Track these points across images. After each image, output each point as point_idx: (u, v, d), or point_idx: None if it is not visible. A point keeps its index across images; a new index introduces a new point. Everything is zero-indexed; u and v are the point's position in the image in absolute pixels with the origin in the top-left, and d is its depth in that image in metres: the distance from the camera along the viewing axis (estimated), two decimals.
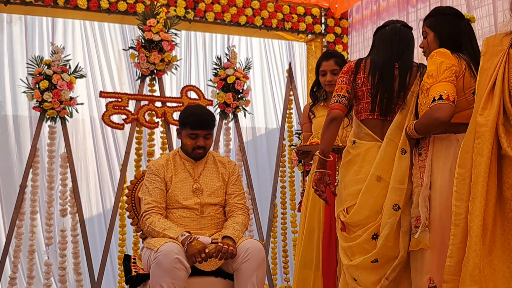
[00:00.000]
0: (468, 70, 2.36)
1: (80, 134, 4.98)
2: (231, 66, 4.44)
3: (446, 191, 2.31)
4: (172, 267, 2.60)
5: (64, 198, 4.06)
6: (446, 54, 2.35)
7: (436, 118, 2.27)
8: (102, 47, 5.18)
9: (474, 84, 2.30)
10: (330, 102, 3.35)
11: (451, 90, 2.27)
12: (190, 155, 3.07)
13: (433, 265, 2.35)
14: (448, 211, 2.26)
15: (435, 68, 2.32)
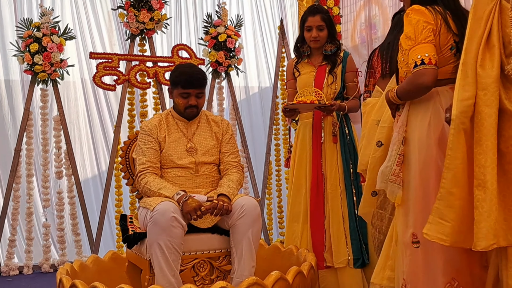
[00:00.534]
0: (444, 25, 2.29)
1: (72, 96, 4.96)
2: (222, 24, 4.41)
3: (426, 146, 2.28)
4: (169, 225, 2.64)
5: (59, 160, 4.08)
6: (421, 11, 2.27)
7: (420, 84, 2.23)
8: (91, 8, 5.09)
9: (452, 39, 2.27)
10: (314, 58, 3.37)
11: (432, 52, 2.21)
12: (183, 114, 3.07)
13: (417, 221, 2.33)
14: (430, 167, 2.25)
15: (412, 29, 2.25)
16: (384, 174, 2.40)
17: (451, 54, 2.29)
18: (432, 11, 2.26)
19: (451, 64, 2.29)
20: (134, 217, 3.18)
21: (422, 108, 2.30)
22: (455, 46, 2.28)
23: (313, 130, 3.35)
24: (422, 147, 2.30)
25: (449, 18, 2.28)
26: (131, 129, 4.11)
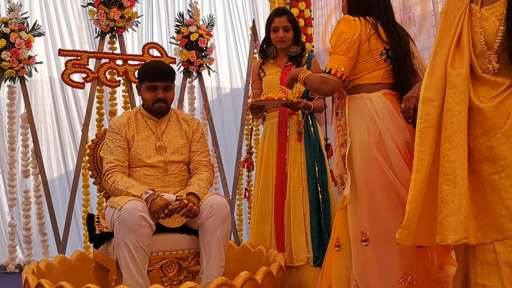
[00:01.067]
0: (374, 34, 2.47)
1: (39, 94, 4.87)
2: (194, 23, 4.39)
3: (367, 146, 2.44)
4: (136, 224, 2.61)
5: (26, 159, 4.01)
6: (349, 21, 2.47)
7: (321, 90, 2.56)
8: (60, 5, 5.01)
9: (381, 46, 2.47)
10: (280, 59, 3.41)
11: (342, 65, 2.43)
12: (151, 110, 3.03)
13: (364, 219, 2.44)
14: (372, 166, 2.40)
15: (335, 38, 2.47)
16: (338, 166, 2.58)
17: (381, 59, 2.48)
18: (362, 21, 2.47)
19: (382, 69, 2.50)
20: (101, 217, 3.14)
21: (359, 114, 2.49)
22: (385, 53, 2.49)
23: (279, 129, 3.38)
24: (363, 150, 2.45)
25: (380, 28, 2.48)
26: (99, 128, 4.06)
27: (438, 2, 3.52)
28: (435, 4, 3.54)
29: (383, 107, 2.45)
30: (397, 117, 2.45)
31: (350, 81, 2.53)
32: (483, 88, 2.04)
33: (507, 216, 1.96)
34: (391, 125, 2.43)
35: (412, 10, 3.77)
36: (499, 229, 1.97)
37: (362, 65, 2.49)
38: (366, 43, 2.45)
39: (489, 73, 2.01)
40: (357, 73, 2.51)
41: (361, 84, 2.51)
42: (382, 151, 2.41)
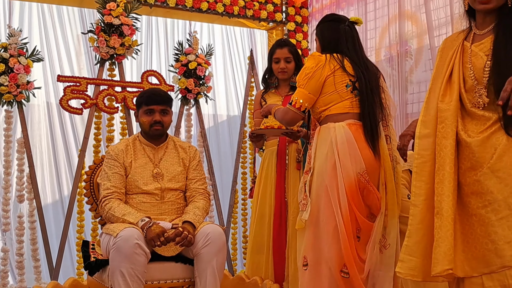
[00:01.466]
0: (339, 68, 2.68)
1: (35, 119, 4.88)
2: (192, 52, 4.43)
3: (322, 173, 2.60)
4: (132, 252, 2.60)
5: (21, 183, 3.99)
6: (314, 57, 2.73)
7: (283, 119, 2.83)
8: (60, 31, 5.07)
9: (347, 78, 2.68)
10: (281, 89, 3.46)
11: (301, 98, 2.68)
12: (148, 133, 3.06)
13: (307, 244, 2.61)
14: (323, 193, 2.57)
15: (300, 73, 2.73)
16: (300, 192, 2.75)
17: (347, 90, 2.68)
18: (327, 57, 2.69)
19: (348, 99, 2.69)
20: (96, 244, 3.12)
21: (323, 142, 2.65)
22: (351, 84, 2.68)
23: (278, 157, 3.39)
24: (319, 177, 2.62)
25: (347, 62, 2.70)
26: (96, 154, 4.05)
27: (434, 36, 3.58)
28: (431, 38, 3.60)
29: (343, 137, 2.59)
30: (355, 148, 2.59)
31: (321, 112, 2.72)
32: (472, 122, 2.10)
33: (493, 250, 1.99)
34: (347, 155, 2.57)
35: (409, 44, 3.83)
36: (485, 262, 2.00)
37: (328, 97, 2.68)
38: (331, 77, 2.67)
39: (479, 107, 2.07)
40: (326, 104, 2.70)
41: (329, 114, 2.70)
42: (333, 180, 2.57)
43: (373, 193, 2.60)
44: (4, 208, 3.97)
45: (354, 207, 2.54)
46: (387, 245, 2.62)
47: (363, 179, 2.57)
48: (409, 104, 3.81)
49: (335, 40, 2.76)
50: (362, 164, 2.57)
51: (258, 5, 4.99)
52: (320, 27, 2.88)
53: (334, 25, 2.81)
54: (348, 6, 4.54)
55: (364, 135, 2.64)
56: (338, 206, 2.53)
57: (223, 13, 4.83)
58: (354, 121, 2.66)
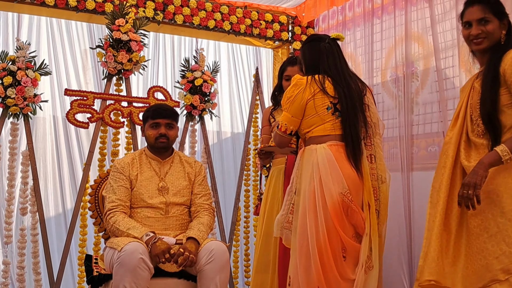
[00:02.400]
0: (319, 91, 2.70)
1: (40, 132, 4.90)
2: (199, 69, 4.46)
3: (309, 195, 2.62)
4: (136, 267, 2.59)
5: (25, 196, 3.99)
6: (296, 81, 2.75)
7: (275, 142, 2.88)
8: (68, 46, 5.11)
9: (327, 101, 2.69)
10: None
11: (285, 121, 2.75)
12: (154, 146, 3.08)
13: (292, 264, 2.65)
14: (310, 215, 2.58)
15: (283, 96, 2.79)
16: (279, 222, 2.78)
17: (328, 113, 2.70)
18: (309, 80, 2.71)
19: (330, 122, 2.70)
20: (99, 258, 3.12)
21: (307, 165, 2.69)
22: (331, 107, 2.69)
23: (286, 176, 3.37)
24: (305, 195, 2.64)
25: (328, 83, 2.70)
26: (101, 168, 4.06)
27: (441, 58, 3.59)
28: (438, 60, 3.61)
29: (324, 158, 2.61)
30: (336, 168, 2.60)
31: (305, 133, 2.76)
32: (474, 151, 2.35)
33: (484, 265, 2.22)
34: (329, 176, 2.59)
35: (415, 65, 3.84)
36: (479, 277, 2.23)
37: (311, 119, 2.72)
38: (312, 101, 2.70)
39: (479, 135, 2.33)
40: (309, 126, 2.74)
41: (312, 136, 2.73)
42: (311, 202, 2.60)
43: (357, 212, 2.60)
44: (6, 221, 3.96)
45: (338, 227, 2.55)
46: (371, 266, 2.61)
47: (346, 199, 2.57)
48: (414, 125, 3.80)
49: (316, 60, 2.78)
50: (345, 184, 2.58)
51: (264, 24, 5.03)
52: (302, 48, 2.92)
53: (315, 45, 2.82)
54: (355, 26, 4.57)
55: (346, 155, 2.64)
56: (313, 228, 2.55)
57: (230, 31, 4.87)
58: (336, 142, 2.68)
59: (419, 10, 3.87)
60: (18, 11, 4.61)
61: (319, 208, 2.55)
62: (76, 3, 4.24)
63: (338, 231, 2.55)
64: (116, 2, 4.36)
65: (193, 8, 4.70)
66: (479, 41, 2.39)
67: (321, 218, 2.55)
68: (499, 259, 2.18)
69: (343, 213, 2.57)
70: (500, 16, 2.39)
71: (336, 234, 2.55)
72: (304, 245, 2.58)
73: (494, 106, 2.28)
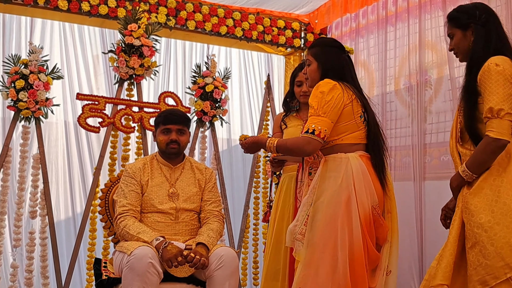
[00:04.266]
0: (356, 98, 2.59)
1: (52, 137, 4.92)
2: (210, 75, 4.46)
3: (334, 204, 2.47)
4: (145, 271, 2.58)
5: (35, 199, 3.99)
6: (331, 84, 2.55)
7: (303, 150, 2.55)
8: (80, 50, 5.13)
9: (361, 109, 2.60)
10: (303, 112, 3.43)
11: (325, 127, 2.49)
12: (165, 152, 3.07)
13: (302, 276, 2.48)
14: (342, 225, 2.44)
15: (317, 101, 2.52)
16: (292, 232, 2.60)
17: (361, 121, 2.60)
18: (342, 85, 2.57)
19: (361, 130, 2.60)
20: (108, 262, 3.10)
21: (334, 172, 2.52)
22: (363, 115, 2.60)
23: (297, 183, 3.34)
24: (330, 205, 2.49)
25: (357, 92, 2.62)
26: (111, 172, 4.05)
27: (455, 67, 3.57)
28: (451, 69, 3.59)
29: (359, 169, 2.51)
30: (369, 180, 2.52)
31: (330, 142, 2.58)
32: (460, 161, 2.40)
33: (467, 276, 2.26)
34: (362, 188, 2.49)
35: (429, 74, 3.82)
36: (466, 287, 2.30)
37: (344, 126, 2.57)
38: (350, 106, 2.56)
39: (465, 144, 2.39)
40: (339, 133, 2.57)
41: (341, 143, 2.58)
42: (346, 212, 2.46)
43: (383, 226, 2.56)
44: (16, 224, 3.96)
45: (368, 239, 2.49)
46: (389, 272, 2.57)
47: (376, 212, 2.52)
48: (427, 134, 3.77)
49: (339, 68, 2.66)
50: (375, 198, 2.52)
51: (277, 31, 5.03)
52: (321, 49, 2.73)
53: (337, 52, 2.71)
54: (368, 34, 4.55)
55: (373, 168, 2.59)
56: (345, 240, 2.44)
57: (242, 38, 4.87)
58: (363, 152, 2.60)
59: (433, 19, 3.85)
60: (31, 15, 4.64)
61: (355, 220, 2.44)
62: (89, 8, 4.26)
63: (368, 243, 2.48)
64: (129, 8, 4.38)
65: (205, 14, 4.70)
66: (456, 54, 2.51)
67: (356, 229, 2.44)
68: (477, 270, 2.21)
69: (373, 226, 2.51)
70: (462, 27, 2.43)
71: (365, 246, 2.47)
72: (327, 256, 2.45)
73: (472, 118, 2.32)
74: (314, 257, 2.48)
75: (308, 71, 2.75)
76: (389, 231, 2.60)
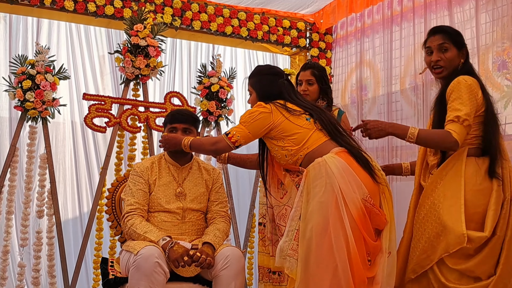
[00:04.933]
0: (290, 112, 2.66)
1: (60, 137, 4.95)
2: (215, 75, 4.47)
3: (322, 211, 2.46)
4: (152, 271, 2.58)
5: (42, 199, 4.01)
6: (261, 105, 2.69)
7: (213, 146, 2.78)
8: (86, 50, 5.16)
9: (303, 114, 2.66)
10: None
11: (240, 135, 2.67)
12: (172, 152, 3.08)
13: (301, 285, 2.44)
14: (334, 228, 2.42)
15: (245, 113, 2.74)
16: (283, 250, 2.52)
17: (310, 122, 2.65)
18: (272, 106, 2.67)
19: (317, 131, 2.64)
20: (115, 261, 3.12)
21: (317, 179, 2.51)
22: (310, 117, 2.66)
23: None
24: (321, 212, 2.46)
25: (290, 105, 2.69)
26: (117, 172, 4.07)
27: None
28: None
29: (338, 167, 2.50)
30: (353, 175, 2.50)
31: (298, 154, 2.63)
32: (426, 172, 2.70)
33: None
34: (348, 184, 2.48)
35: None
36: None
37: (298, 136, 2.63)
38: (286, 120, 2.64)
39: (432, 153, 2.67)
40: (298, 143, 2.63)
41: (310, 151, 2.61)
42: (337, 213, 2.44)
43: (379, 215, 2.54)
44: (23, 223, 3.98)
45: (364, 233, 2.48)
46: (389, 253, 2.55)
47: (368, 203, 2.49)
48: None
49: (277, 93, 2.76)
50: (364, 189, 2.50)
51: (282, 30, 5.04)
52: (256, 79, 2.86)
53: (273, 78, 2.80)
54: (374, 33, 4.56)
55: (355, 159, 2.57)
56: (341, 244, 2.41)
57: (247, 38, 4.88)
58: (339, 148, 2.60)
59: (439, 18, 3.85)
60: (37, 16, 4.67)
61: (345, 219, 2.43)
62: (95, 8, 4.28)
63: (365, 238, 2.47)
64: (135, 8, 4.39)
65: (211, 14, 4.72)
66: (439, 70, 2.66)
67: (348, 230, 2.42)
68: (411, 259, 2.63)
69: (367, 218, 2.50)
70: (458, 45, 2.64)
71: (363, 241, 2.47)
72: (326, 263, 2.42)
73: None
74: (310, 271, 2.43)
75: (250, 101, 2.89)
76: (387, 213, 2.58)
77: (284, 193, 2.78)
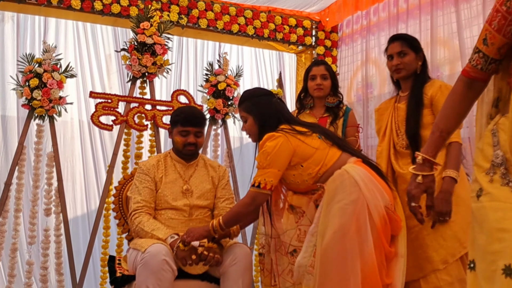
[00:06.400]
0: (302, 134, 2.59)
1: (68, 135, 4.97)
2: (222, 73, 4.47)
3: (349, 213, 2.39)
4: (159, 268, 2.59)
5: (49, 197, 4.03)
6: (272, 136, 2.57)
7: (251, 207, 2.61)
8: (93, 49, 5.17)
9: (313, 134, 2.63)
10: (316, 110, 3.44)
11: (271, 177, 2.54)
12: (181, 153, 3.08)
13: None
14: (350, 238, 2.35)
15: (262, 156, 2.59)
16: (302, 265, 2.46)
17: (321, 141, 2.60)
18: (283, 133, 2.57)
19: (329, 145, 2.60)
20: (122, 259, 3.13)
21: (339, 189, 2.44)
22: (320, 135, 2.63)
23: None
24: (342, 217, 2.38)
25: (296, 127, 2.63)
26: (124, 170, 4.08)
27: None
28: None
29: (361, 175, 2.46)
30: (375, 183, 2.48)
31: (316, 173, 2.56)
32: (399, 160, 2.87)
33: (425, 258, 2.70)
34: (371, 192, 2.44)
35: (441, 70, 3.81)
36: (420, 268, 2.72)
37: (316, 156, 2.56)
38: (302, 144, 2.56)
39: (403, 147, 2.87)
40: (317, 163, 2.55)
41: (328, 168, 2.55)
42: (359, 221, 2.38)
43: (397, 220, 2.53)
44: (31, 221, 4.00)
45: (384, 240, 2.44)
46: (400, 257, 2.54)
47: (390, 210, 2.46)
48: None
49: (274, 114, 2.69)
50: (386, 196, 2.47)
51: (288, 29, 5.04)
52: (250, 103, 2.76)
53: (267, 99, 2.75)
54: (379, 31, 4.55)
55: (370, 168, 2.56)
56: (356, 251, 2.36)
57: (253, 36, 4.88)
58: (354, 158, 2.57)
59: (445, 15, 3.84)
60: (45, 15, 4.68)
61: (367, 228, 2.38)
62: (102, 7, 4.30)
63: (384, 245, 2.43)
64: (141, 6, 4.41)
65: (217, 13, 4.72)
66: (398, 70, 2.95)
67: (368, 238, 2.37)
68: (438, 252, 2.67)
69: (388, 225, 2.46)
70: (416, 50, 2.94)
71: (382, 249, 2.43)
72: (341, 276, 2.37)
73: (417, 124, 2.80)
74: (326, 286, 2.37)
75: (247, 127, 2.78)
76: (402, 217, 2.56)
77: (300, 216, 2.67)
